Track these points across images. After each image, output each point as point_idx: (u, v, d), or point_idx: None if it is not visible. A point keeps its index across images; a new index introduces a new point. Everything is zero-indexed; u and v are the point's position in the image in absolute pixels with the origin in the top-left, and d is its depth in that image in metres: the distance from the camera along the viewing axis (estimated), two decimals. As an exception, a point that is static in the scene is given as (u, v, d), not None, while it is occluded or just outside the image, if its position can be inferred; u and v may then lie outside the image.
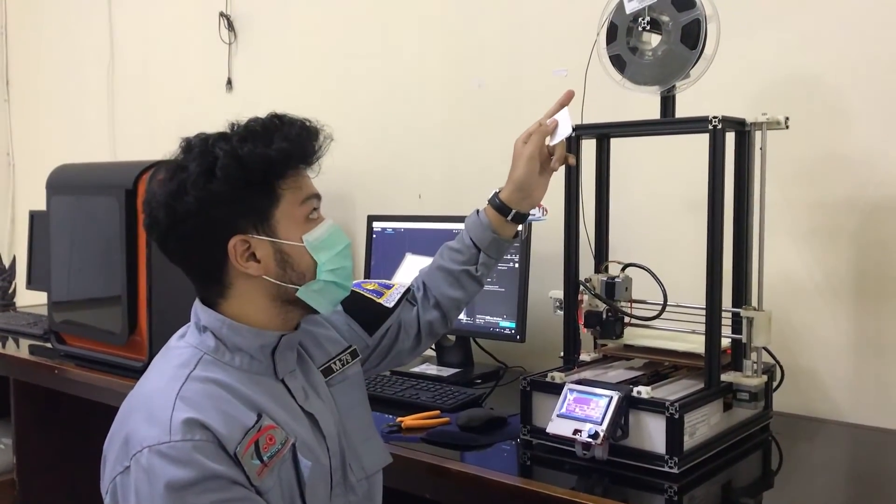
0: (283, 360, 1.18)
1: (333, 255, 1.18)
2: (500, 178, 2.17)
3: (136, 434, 1.04)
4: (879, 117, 1.65)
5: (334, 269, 1.18)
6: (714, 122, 1.37)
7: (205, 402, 1.06)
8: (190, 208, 1.10)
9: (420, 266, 1.49)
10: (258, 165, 1.11)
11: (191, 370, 1.10)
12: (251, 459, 1.06)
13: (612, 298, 1.55)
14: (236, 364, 1.14)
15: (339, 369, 1.30)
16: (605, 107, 1.56)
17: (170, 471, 1.00)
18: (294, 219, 1.15)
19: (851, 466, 1.55)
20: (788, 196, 1.73)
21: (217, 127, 1.19)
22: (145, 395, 1.11)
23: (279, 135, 1.14)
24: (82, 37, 3.46)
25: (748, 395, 1.42)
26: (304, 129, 1.16)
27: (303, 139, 1.16)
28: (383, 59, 2.45)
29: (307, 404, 1.19)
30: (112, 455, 1.07)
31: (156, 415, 1.05)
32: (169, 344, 1.20)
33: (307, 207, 1.17)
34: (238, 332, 1.14)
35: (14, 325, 2.67)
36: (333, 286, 1.19)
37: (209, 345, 1.14)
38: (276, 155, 1.12)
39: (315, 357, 1.28)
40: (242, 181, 1.11)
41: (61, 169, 2.31)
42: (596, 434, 1.31)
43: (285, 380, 1.19)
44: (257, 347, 1.15)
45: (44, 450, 2.45)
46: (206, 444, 1.03)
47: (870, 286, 1.68)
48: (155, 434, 1.03)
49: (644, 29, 1.47)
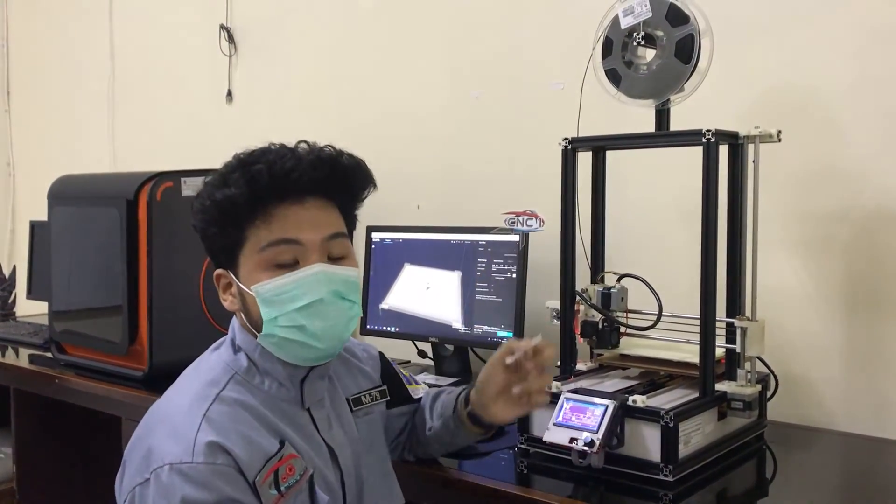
0: (311, 390, 1.18)
1: (289, 310, 1.08)
2: (498, 190, 2.20)
3: (159, 449, 1.05)
4: (871, 130, 1.68)
5: (288, 327, 1.09)
6: (708, 135, 1.40)
7: (229, 425, 1.06)
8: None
9: (417, 276, 1.50)
10: (210, 208, 1.11)
11: (220, 389, 1.10)
12: (269, 489, 1.06)
13: (608, 309, 1.56)
14: (265, 388, 1.14)
15: (368, 403, 1.30)
16: (600, 120, 1.58)
17: (187, 490, 1.01)
18: (253, 264, 1.10)
19: (845, 475, 1.56)
20: (781, 207, 1.75)
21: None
22: (172, 410, 1.11)
23: (237, 174, 1.08)
24: (83, 48, 3.48)
25: (742, 404, 1.44)
26: (271, 164, 1.08)
27: (265, 178, 1.07)
28: (382, 72, 2.47)
29: (329, 436, 1.19)
30: (133, 464, 1.08)
31: (180, 432, 1.05)
32: (202, 357, 1.20)
33: (270, 255, 1.09)
34: (269, 358, 1.14)
35: (14, 335, 2.67)
36: (292, 342, 1.11)
37: (242, 365, 1.14)
38: (221, 200, 1.08)
39: (346, 386, 1.28)
40: (207, 221, 1.12)
41: (63, 179, 2.32)
42: (592, 442, 1.33)
43: (311, 409, 1.18)
44: (286, 376, 1.15)
45: (44, 459, 2.45)
46: (226, 469, 1.03)
47: (862, 296, 1.70)
48: (177, 452, 1.03)
49: (639, 44, 1.50)
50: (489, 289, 1.97)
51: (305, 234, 1.10)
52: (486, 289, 1.97)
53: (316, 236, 1.11)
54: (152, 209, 1.98)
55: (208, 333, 2.07)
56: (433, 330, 2.05)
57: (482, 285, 1.98)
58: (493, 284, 1.96)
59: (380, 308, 2.13)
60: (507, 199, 1.81)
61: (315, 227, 1.11)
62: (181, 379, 1.18)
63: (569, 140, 1.56)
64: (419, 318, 2.07)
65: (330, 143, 1.16)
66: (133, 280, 2.02)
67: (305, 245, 1.10)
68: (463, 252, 2.02)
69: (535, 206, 1.58)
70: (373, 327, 2.14)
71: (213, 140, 2.93)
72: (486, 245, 1.99)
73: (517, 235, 1.88)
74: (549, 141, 1.62)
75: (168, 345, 2.01)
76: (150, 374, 2.00)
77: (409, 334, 2.10)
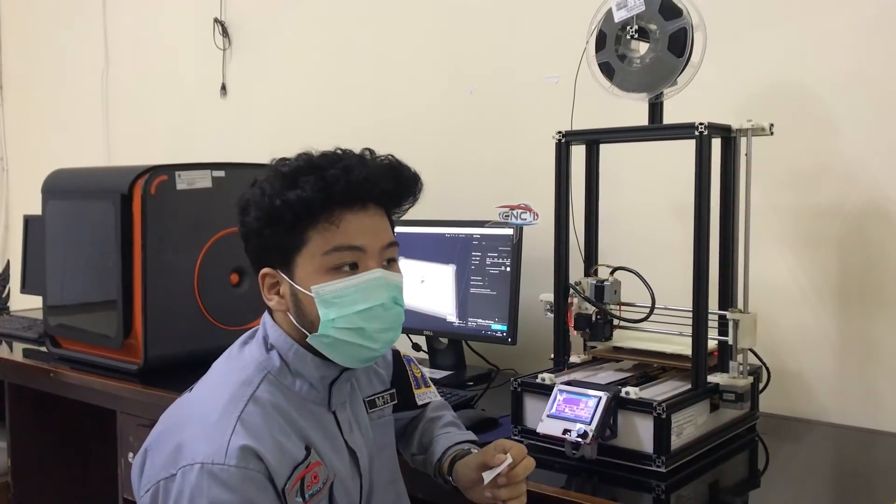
0: (338, 393, 1.19)
1: (349, 313, 1.11)
2: (492, 183, 2.21)
3: (191, 446, 1.05)
4: (863, 125, 1.68)
5: (346, 328, 1.11)
6: (700, 128, 1.40)
7: (263, 429, 1.07)
8: (240, 232, 1.16)
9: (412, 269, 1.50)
10: (276, 210, 1.10)
11: (254, 390, 1.11)
12: (295, 497, 1.08)
13: (602, 301, 1.57)
14: (296, 389, 1.15)
15: (381, 406, 1.32)
16: (593, 113, 1.59)
17: (215, 492, 1.01)
18: (314, 266, 1.11)
19: (837, 466, 1.57)
20: (774, 201, 1.75)
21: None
22: (206, 409, 1.11)
23: (312, 178, 1.09)
24: (77, 41, 3.47)
25: (734, 396, 1.45)
26: (346, 170, 1.10)
27: (341, 184, 1.09)
28: (377, 66, 2.47)
29: (351, 439, 1.21)
30: (160, 457, 1.08)
31: (214, 433, 1.05)
32: (231, 351, 1.21)
33: (333, 258, 1.10)
34: (303, 359, 1.15)
35: (9, 329, 2.67)
36: (347, 344, 1.12)
37: (274, 365, 1.15)
38: (294, 201, 1.08)
39: (363, 388, 1.30)
40: (265, 222, 1.11)
41: (57, 173, 2.32)
42: (585, 434, 1.33)
43: (336, 411, 1.20)
44: (318, 378, 1.16)
45: (39, 453, 2.44)
46: (257, 476, 1.04)
47: (854, 289, 1.71)
48: (210, 452, 1.04)
49: (632, 37, 1.50)
50: (483, 282, 1.97)
51: (368, 240, 1.13)
52: (480, 282, 1.98)
53: (377, 243, 1.14)
54: (146, 203, 1.98)
55: (203, 327, 2.09)
56: (427, 323, 2.06)
57: (476, 278, 1.99)
58: (488, 278, 1.97)
59: (374, 301, 2.13)
60: (502, 193, 1.82)
61: (376, 235, 1.14)
62: (212, 374, 1.18)
63: (562, 133, 1.57)
64: (413, 311, 2.06)
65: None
66: (127, 274, 2.01)
67: (367, 251, 1.13)
68: (457, 245, 2.03)
69: (528, 199, 1.59)
70: (367, 321, 2.14)
71: (208, 134, 2.93)
72: (480, 238, 1.99)
73: (511, 229, 1.89)
74: (543, 135, 1.62)
75: (163, 338, 2.01)
76: (145, 367, 2.00)
77: (403, 327, 2.09)
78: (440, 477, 1.31)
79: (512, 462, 1.17)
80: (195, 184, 2.06)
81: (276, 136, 2.65)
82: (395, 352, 1.41)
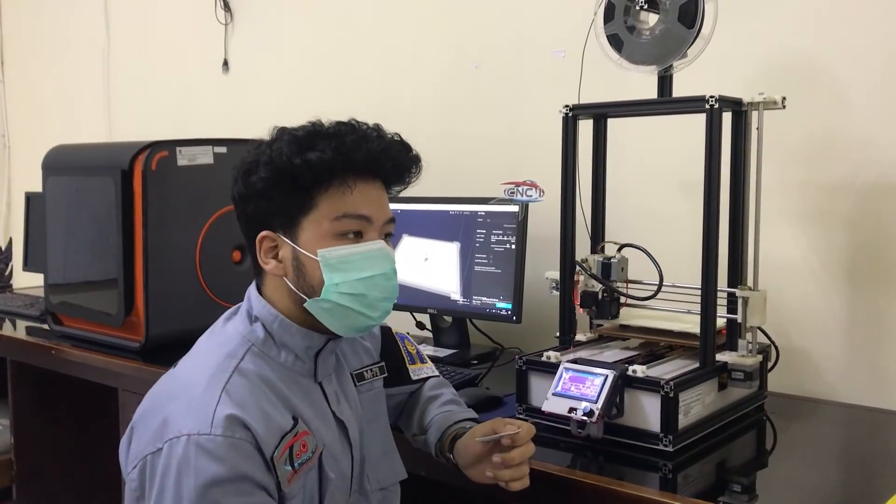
0: (324, 364, 1.19)
1: (352, 279, 1.12)
2: (497, 160, 2.18)
3: (176, 419, 1.05)
4: (877, 99, 1.65)
5: (349, 294, 1.12)
6: (711, 101, 1.37)
7: (248, 398, 1.07)
8: (237, 194, 1.16)
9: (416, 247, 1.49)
10: (290, 170, 1.10)
11: (238, 361, 1.11)
12: (284, 465, 1.07)
13: (608, 279, 1.55)
14: (281, 360, 1.15)
15: (369, 379, 1.31)
16: (601, 87, 1.56)
17: (203, 463, 1.01)
18: (321, 231, 1.12)
19: (845, 446, 1.55)
20: (785, 177, 1.73)
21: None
22: (190, 382, 1.10)
23: (331, 142, 1.10)
24: (78, 17, 3.43)
25: (743, 375, 1.43)
26: (363, 139, 1.12)
27: (362, 151, 1.11)
28: (380, 41, 2.44)
29: (339, 410, 1.20)
30: (146, 433, 1.08)
31: (199, 405, 1.05)
32: (215, 327, 1.21)
33: (341, 225, 1.12)
34: (288, 329, 1.15)
35: (11, 307, 2.66)
36: (347, 310, 1.13)
37: (258, 336, 1.14)
38: (313, 161, 1.09)
39: (349, 362, 1.29)
40: (275, 182, 1.11)
41: (57, 150, 2.30)
42: (591, 412, 1.32)
43: (322, 383, 1.20)
44: (304, 348, 1.16)
45: (41, 430, 2.45)
46: (244, 444, 1.03)
47: (864, 267, 1.68)
48: (195, 423, 1.03)
49: (642, 8, 1.47)
50: (488, 260, 1.95)
51: (375, 212, 1.15)
52: (485, 260, 1.96)
53: (381, 217, 1.16)
54: (147, 179, 1.96)
55: (205, 304, 2.08)
56: (431, 301, 2.04)
57: (481, 256, 1.96)
58: (492, 255, 1.95)
59: (378, 279, 2.11)
60: (507, 170, 1.79)
61: (381, 208, 1.16)
62: (196, 349, 1.18)
63: (569, 107, 1.54)
64: (417, 289, 2.05)
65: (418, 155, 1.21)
66: (129, 251, 2.00)
67: (373, 222, 1.15)
68: (462, 223, 2.00)
69: (534, 176, 1.57)
70: (371, 299, 2.12)
71: (210, 110, 2.90)
72: (485, 216, 1.97)
73: (516, 206, 1.87)
74: (549, 110, 1.59)
75: (164, 316, 2.00)
76: (147, 345, 1.99)
77: (407, 306, 2.08)
78: (442, 456, 1.30)
79: (517, 434, 1.17)
80: (196, 160, 2.04)
81: (279, 112, 2.56)
82: (383, 327, 1.40)
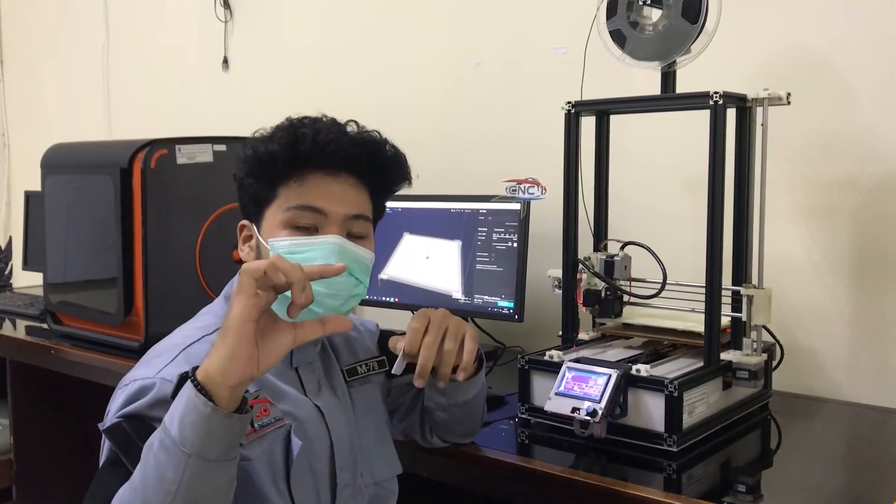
0: (300, 350, 1.17)
1: None
2: (499, 158, 2.17)
3: (132, 373, 1.08)
4: (881, 95, 1.64)
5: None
6: (715, 97, 1.36)
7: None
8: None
9: (417, 245, 1.48)
10: (255, 160, 1.15)
11: (207, 334, 1.12)
12: None
13: (611, 277, 1.54)
14: None
15: (363, 373, 1.30)
16: (604, 83, 1.54)
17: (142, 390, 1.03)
18: (276, 221, 1.14)
19: (850, 445, 1.54)
20: (789, 173, 1.71)
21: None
22: (155, 352, 1.13)
23: (287, 134, 1.13)
24: (77, 16, 3.42)
25: (748, 374, 1.42)
26: (316, 132, 1.13)
27: (307, 142, 1.12)
28: (381, 39, 2.43)
29: (317, 397, 1.19)
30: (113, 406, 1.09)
31: (156, 360, 1.08)
32: (201, 311, 1.24)
33: (293, 216, 1.12)
34: None
35: (10, 306, 2.65)
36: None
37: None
38: (267, 152, 1.13)
39: (343, 359, 1.29)
40: (245, 172, 1.17)
41: (56, 148, 2.28)
42: (594, 412, 1.30)
43: (299, 369, 1.19)
44: None
45: (41, 429, 2.44)
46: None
47: (869, 265, 1.67)
48: (147, 373, 1.06)
49: (645, 3, 1.45)
50: (490, 258, 1.94)
51: (331, 205, 1.13)
52: (486, 258, 1.94)
53: (340, 211, 1.14)
54: (147, 177, 1.94)
55: (205, 303, 2.04)
56: (433, 300, 2.03)
57: (483, 254, 1.95)
58: (494, 253, 1.93)
59: (379, 278, 2.10)
60: (509, 167, 1.78)
61: (342, 203, 1.14)
62: (174, 331, 1.20)
63: (572, 104, 1.53)
64: (419, 288, 2.04)
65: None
66: (128, 249, 1.99)
67: (328, 216, 1.13)
68: (463, 221, 1.99)
69: (536, 173, 1.56)
70: (372, 298, 2.11)
71: (209, 108, 2.89)
72: (486, 214, 1.95)
73: (518, 204, 1.85)
74: (551, 107, 1.58)
75: (164, 315, 1.98)
76: (146, 344, 1.96)
77: (408, 305, 2.07)
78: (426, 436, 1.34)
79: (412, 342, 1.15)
80: (196, 158, 2.03)
81: (279, 110, 2.57)
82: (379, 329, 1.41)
